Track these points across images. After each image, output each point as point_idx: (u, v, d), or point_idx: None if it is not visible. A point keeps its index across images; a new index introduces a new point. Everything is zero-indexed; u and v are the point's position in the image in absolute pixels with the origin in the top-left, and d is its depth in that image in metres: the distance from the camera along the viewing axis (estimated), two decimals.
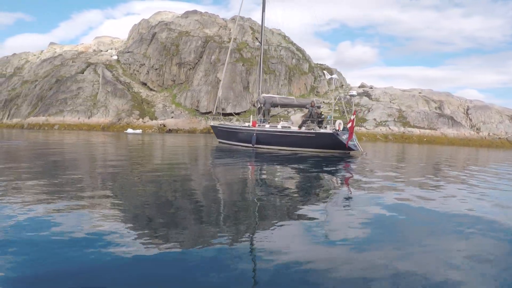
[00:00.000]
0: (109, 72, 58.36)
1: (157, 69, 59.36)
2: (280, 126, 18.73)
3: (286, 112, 38.04)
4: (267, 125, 19.27)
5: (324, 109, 38.14)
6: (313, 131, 17.02)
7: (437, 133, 47.75)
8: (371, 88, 63.34)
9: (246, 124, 21.13)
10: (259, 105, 21.15)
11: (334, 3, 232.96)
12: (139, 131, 42.74)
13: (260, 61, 22.77)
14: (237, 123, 22.94)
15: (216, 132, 23.53)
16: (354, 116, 16.22)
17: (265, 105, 20.66)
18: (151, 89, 58.66)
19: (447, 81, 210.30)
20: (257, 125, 19.39)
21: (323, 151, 16.41)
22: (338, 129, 16.72)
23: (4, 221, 3.69)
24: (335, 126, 16.97)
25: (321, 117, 17.86)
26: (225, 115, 37.96)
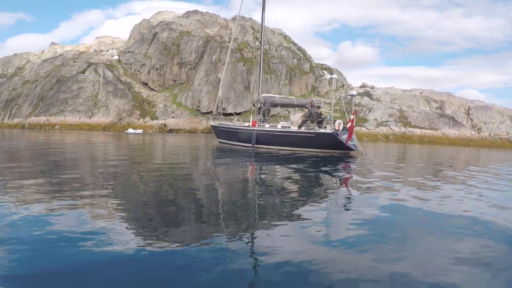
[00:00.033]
0: (110, 72, 58.44)
1: (158, 69, 59.41)
2: (280, 126, 18.71)
3: (287, 112, 37.99)
4: (267, 125, 19.25)
5: (325, 109, 38.13)
6: (312, 131, 17.00)
7: (438, 133, 47.68)
8: (372, 88, 63.31)
9: (246, 124, 21.10)
10: (259, 105, 21.13)
11: (334, 3, 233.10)
12: (140, 131, 42.79)
13: (260, 61, 22.75)
14: (238, 123, 22.94)
15: (216, 132, 23.52)
16: (354, 116, 16.19)
17: (265, 105, 20.65)
18: (152, 89, 58.72)
19: (448, 81, 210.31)
20: (257, 125, 19.37)
21: (322, 151, 16.38)
22: (337, 129, 16.70)
23: (0, 220, 3.69)
24: (335, 126, 16.94)
25: (321, 117, 17.84)
26: (226, 115, 37.95)
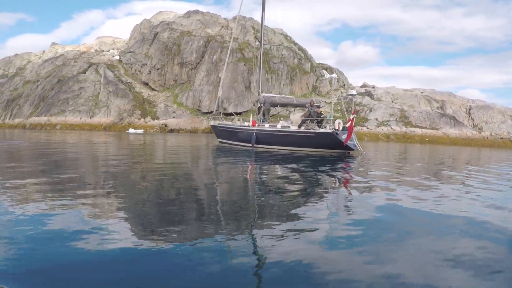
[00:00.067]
0: (110, 72, 58.48)
1: (159, 69, 59.42)
2: (279, 125, 18.67)
3: (288, 112, 37.95)
4: (267, 125, 19.21)
5: (325, 108, 38.07)
6: (312, 130, 16.96)
7: (439, 133, 47.58)
8: (373, 87, 63.21)
9: (245, 123, 21.08)
10: (259, 105, 21.10)
11: (335, 3, 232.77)
12: (141, 131, 42.80)
13: (259, 61, 22.72)
14: (238, 123, 22.93)
15: (216, 131, 23.51)
16: (353, 115, 16.14)
17: (265, 104, 20.62)
18: (152, 89, 58.73)
19: (449, 81, 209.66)
20: (256, 125, 19.34)
21: (322, 151, 16.35)
22: (337, 128, 16.65)
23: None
24: (335, 125, 16.90)
25: (321, 116, 17.80)
26: (226, 114, 37.93)
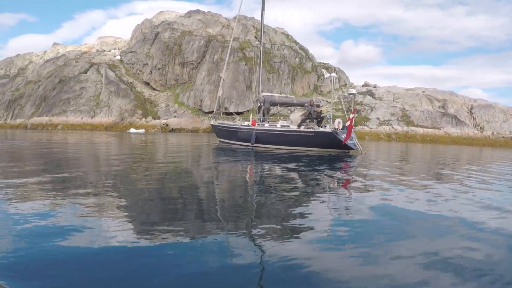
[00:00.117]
0: (112, 72, 58.55)
1: (160, 68, 59.46)
2: (279, 125, 18.63)
3: (289, 111, 37.91)
4: (266, 124, 19.18)
5: (326, 108, 37.99)
6: (312, 130, 16.91)
7: (440, 132, 47.43)
8: (374, 87, 63.09)
9: (245, 123, 21.06)
10: (259, 104, 21.07)
11: (336, 2, 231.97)
12: (142, 130, 42.85)
13: (259, 60, 22.69)
14: (238, 122, 22.91)
15: (216, 131, 23.50)
16: (353, 115, 16.09)
17: (265, 104, 20.58)
18: (154, 89, 58.77)
19: (451, 80, 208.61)
20: (256, 124, 19.31)
21: (322, 150, 16.30)
22: (337, 128, 16.60)
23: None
24: (334, 125, 16.85)
25: (320, 116, 17.74)
26: (228, 114, 37.93)
